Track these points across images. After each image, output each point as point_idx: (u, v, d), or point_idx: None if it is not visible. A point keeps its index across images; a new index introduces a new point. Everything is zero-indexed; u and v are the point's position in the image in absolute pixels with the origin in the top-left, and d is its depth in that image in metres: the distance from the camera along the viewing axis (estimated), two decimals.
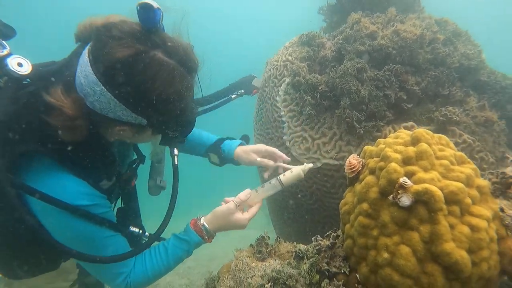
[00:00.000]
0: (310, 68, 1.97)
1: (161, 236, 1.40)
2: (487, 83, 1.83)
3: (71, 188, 1.10)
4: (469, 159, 0.93)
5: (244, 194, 1.47)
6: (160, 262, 1.37)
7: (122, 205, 1.52)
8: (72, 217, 1.10)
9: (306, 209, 2.05)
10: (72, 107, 1.01)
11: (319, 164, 1.88)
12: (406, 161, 0.86)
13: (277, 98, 2.03)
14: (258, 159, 1.77)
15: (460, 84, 1.81)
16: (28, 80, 1.09)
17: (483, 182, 0.87)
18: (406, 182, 0.80)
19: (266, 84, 2.18)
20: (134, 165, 1.50)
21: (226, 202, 1.47)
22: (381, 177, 0.86)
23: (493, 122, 1.73)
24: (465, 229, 0.78)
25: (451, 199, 0.79)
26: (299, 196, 2.02)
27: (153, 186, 1.76)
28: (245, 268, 1.34)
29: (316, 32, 2.07)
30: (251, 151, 1.80)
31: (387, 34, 1.77)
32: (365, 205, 0.89)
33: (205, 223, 1.42)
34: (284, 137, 1.98)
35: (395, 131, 1.70)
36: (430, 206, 0.78)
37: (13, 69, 1.06)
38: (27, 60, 1.10)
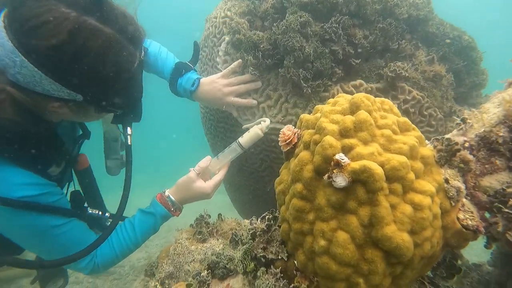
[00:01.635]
0: (251, 24, 1.78)
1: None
2: (436, 34, 1.73)
3: (12, 180, 0.99)
4: (413, 126, 0.83)
5: (203, 161, 1.45)
6: (127, 239, 1.32)
7: (77, 188, 1.46)
8: (16, 212, 1.00)
9: (256, 177, 1.95)
10: None
11: (266, 130, 1.75)
12: (343, 133, 0.74)
13: (217, 60, 1.83)
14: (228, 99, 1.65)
15: (409, 36, 1.70)
16: None
17: (428, 152, 0.78)
18: (342, 159, 0.68)
19: (206, 44, 1.96)
20: (79, 141, 1.39)
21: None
22: (316, 153, 0.74)
23: (441, 77, 1.66)
24: (408, 209, 0.69)
25: (393, 175, 0.69)
26: (248, 164, 1.90)
27: (113, 166, 1.62)
28: (184, 251, 1.23)
29: None
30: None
31: None
32: (299, 186, 0.77)
33: (170, 195, 1.39)
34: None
35: (343, 90, 1.59)
36: (369, 186, 0.67)
37: None
38: None
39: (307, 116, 0.91)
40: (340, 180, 0.68)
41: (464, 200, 0.79)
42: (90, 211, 1.38)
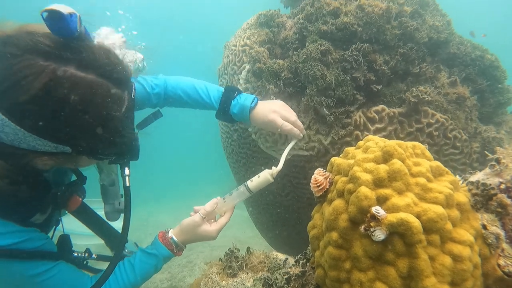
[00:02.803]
0: (271, 52, 1.80)
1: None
2: (457, 55, 1.72)
3: None
4: (446, 169, 0.82)
5: (210, 204, 1.40)
6: (126, 281, 1.28)
7: (62, 231, 1.38)
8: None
9: (279, 203, 1.96)
10: None
11: (288, 156, 1.76)
12: (377, 183, 0.75)
13: (239, 87, 1.86)
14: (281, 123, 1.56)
15: (430, 59, 1.70)
16: None
17: (463, 199, 0.77)
18: (378, 213, 0.69)
19: (226, 72, 2.00)
20: (73, 186, 1.33)
21: (195, 212, 1.41)
22: (351, 203, 0.75)
23: (465, 98, 1.65)
24: (447, 260, 0.69)
25: (430, 227, 0.69)
26: (272, 188, 1.91)
27: (110, 211, 1.60)
28: (214, 286, 1.24)
29: (275, 11, 1.88)
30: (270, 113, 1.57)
31: (351, 9, 1.62)
32: (334, 235, 0.78)
33: (173, 236, 1.37)
34: (249, 129, 1.84)
35: (365, 116, 1.59)
36: (407, 238, 0.68)
37: None
38: None
39: (338, 160, 0.92)
40: (379, 234, 0.68)
41: (504, 244, 0.78)
42: (75, 254, 1.35)
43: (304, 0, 1.81)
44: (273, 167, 1.47)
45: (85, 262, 1.38)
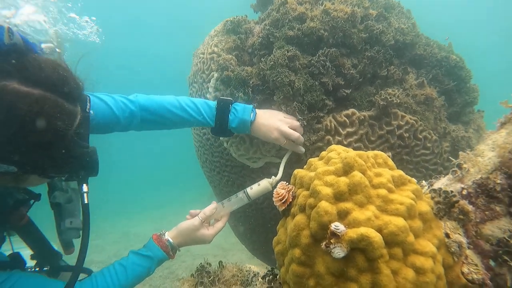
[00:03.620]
0: (239, 59, 1.77)
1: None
2: (424, 56, 1.74)
3: None
4: (409, 178, 0.81)
5: (209, 209, 1.41)
6: (116, 283, 1.22)
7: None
8: None
9: (254, 209, 1.93)
10: None
11: (261, 164, 1.74)
12: (338, 197, 0.73)
13: (208, 96, 1.82)
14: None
15: (397, 61, 1.71)
16: None
17: (426, 208, 0.76)
18: (338, 229, 0.66)
19: (195, 80, 1.96)
20: (27, 204, 1.27)
21: (192, 215, 1.43)
22: (312, 219, 0.73)
23: (433, 99, 1.66)
24: (410, 273, 0.67)
25: (392, 240, 0.68)
26: None
27: (66, 229, 1.50)
28: None
29: (242, 17, 1.85)
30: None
31: (317, 14, 1.61)
32: (297, 251, 0.76)
33: (169, 238, 1.35)
34: (221, 138, 1.80)
35: (336, 121, 1.58)
36: (369, 254, 0.66)
37: None
38: None
39: (301, 172, 0.90)
40: (338, 251, 0.66)
41: (467, 251, 0.77)
42: (29, 270, 1.29)
43: (271, 5, 1.79)
44: (272, 176, 1.48)
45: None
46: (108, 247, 6.72)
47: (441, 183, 0.88)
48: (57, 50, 1.08)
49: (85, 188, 1.14)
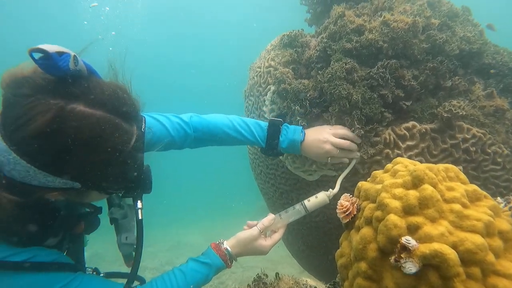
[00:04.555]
0: (296, 72, 1.80)
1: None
2: (493, 66, 1.64)
3: (3, 251, 0.96)
4: (484, 193, 0.77)
5: (267, 219, 1.43)
6: None
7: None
8: (18, 275, 0.96)
9: (309, 224, 1.91)
10: None
11: (316, 177, 1.73)
12: (407, 211, 0.71)
13: (264, 109, 1.86)
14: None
15: (463, 71, 1.62)
16: None
17: (506, 226, 0.71)
18: (409, 243, 0.64)
19: (252, 93, 2.01)
20: (90, 216, 1.33)
21: (249, 226, 1.45)
22: (379, 232, 0.71)
23: (504, 111, 1.55)
24: None
25: (469, 258, 0.64)
26: None
27: (123, 244, 1.59)
28: None
29: (298, 31, 1.88)
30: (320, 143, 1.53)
31: (375, 26, 1.59)
32: (363, 265, 0.74)
33: (228, 247, 1.37)
34: None
35: (395, 134, 1.54)
36: (443, 271, 0.63)
37: None
38: None
39: (365, 184, 0.88)
40: (410, 266, 0.64)
41: None
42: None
43: (327, 19, 1.80)
44: (330, 189, 1.49)
45: None
46: (160, 254, 6.98)
47: None
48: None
49: (139, 204, 1.20)
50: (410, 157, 1.53)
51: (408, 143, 1.53)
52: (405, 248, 0.65)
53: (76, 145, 0.86)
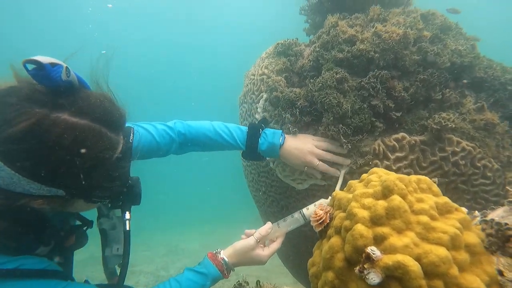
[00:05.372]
0: (288, 80, 1.81)
1: None
2: (485, 79, 1.63)
3: None
4: (456, 206, 0.76)
5: (264, 229, 1.42)
6: None
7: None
8: (10, 282, 0.95)
9: (298, 232, 1.90)
10: None
11: (306, 186, 1.73)
12: (375, 221, 0.70)
13: (257, 116, 1.87)
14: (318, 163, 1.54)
15: (454, 84, 1.62)
16: None
17: (474, 239, 0.70)
18: (374, 253, 0.64)
19: (245, 100, 2.02)
20: (80, 230, 1.33)
21: (247, 235, 1.44)
22: (346, 242, 0.71)
23: (494, 125, 1.54)
24: None
25: (432, 271, 0.63)
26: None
27: (110, 256, 1.58)
28: None
29: (293, 40, 1.89)
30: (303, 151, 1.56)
31: (367, 37, 1.59)
32: (330, 275, 0.74)
33: (225, 257, 1.36)
34: (267, 158, 1.82)
35: (385, 145, 1.53)
36: (405, 283, 0.62)
37: None
38: None
39: (340, 194, 0.88)
40: (373, 277, 0.63)
41: None
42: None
43: (322, 28, 1.81)
44: (329, 197, 1.47)
45: None
46: (157, 259, 6.96)
47: (496, 214, 0.80)
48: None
49: (127, 215, 1.21)
50: (399, 169, 1.53)
51: (398, 155, 1.52)
52: (369, 259, 0.65)
53: (58, 152, 0.87)
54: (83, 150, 0.89)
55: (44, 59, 0.85)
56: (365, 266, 0.64)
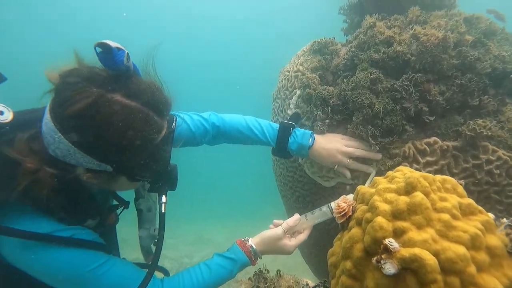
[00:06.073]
0: (322, 78, 1.82)
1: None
2: None
3: (49, 226, 1.07)
4: (480, 208, 0.76)
5: (292, 220, 1.44)
6: (201, 282, 1.32)
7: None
8: (57, 247, 1.06)
9: (322, 230, 1.92)
10: (33, 160, 0.99)
11: (333, 183, 1.74)
12: (396, 215, 0.73)
13: (289, 112, 1.90)
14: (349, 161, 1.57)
15: (494, 91, 1.57)
16: (7, 127, 1.08)
17: (496, 242, 0.71)
18: (391, 245, 0.66)
19: (279, 96, 2.06)
20: (118, 210, 1.45)
21: (275, 225, 1.47)
22: (366, 233, 0.73)
23: None
24: None
25: (449, 267, 0.65)
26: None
27: (145, 236, 1.68)
28: None
29: (329, 39, 1.91)
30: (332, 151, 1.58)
31: (405, 39, 1.58)
32: (348, 264, 0.77)
33: (253, 245, 1.40)
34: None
35: (415, 148, 1.52)
36: (421, 276, 0.64)
37: None
38: (8, 108, 1.09)
39: (364, 188, 0.90)
40: (389, 267, 0.66)
41: None
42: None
43: (359, 29, 1.81)
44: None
45: None
46: (181, 247, 7.16)
47: None
48: None
49: (163, 199, 1.29)
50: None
51: (428, 159, 1.51)
52: (387, 250, 0.67)
53: (110, 129, 0.97)
54: (131, 129, 0.98)
55: (112, 43, 0.96)
56: (383, 256, 0.67)
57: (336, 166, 1.60)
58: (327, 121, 1.67)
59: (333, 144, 1.59)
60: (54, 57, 1.07)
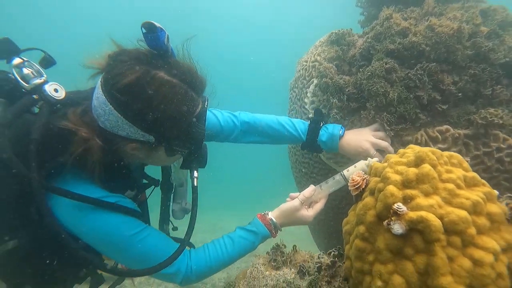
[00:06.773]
0: (339, 68, 1.90)
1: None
2: None
3: (97, 191, 1.19)
4: (483, 181, 0.84)
5: (308, 191, 1.51)
6: (225, 252, 1.41)
7: None
8: (104, 211, 1.18)
9: (336, 215, 2.00)
10: (86, 129, 1.10)
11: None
12: (406, 184, 0.81)
13: (306, 100, 1.98)
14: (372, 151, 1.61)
15: (507, 81, 1.62)
16: (59, 105, 1.21)
17: (495, 209, 0.78)
18: (400, 209, 0.75)
19: (296, 85, 2.14)
20: (149, 188, 1.57)
21: (292, 198, 1.53)
22: (379, 200, 0.82)
23: None
24: (466, 263, 0.71)
25: (452, 229, 0.73)
26: (329, 200, 1.97)
27: (178, 210, 1.79)
28: (259, 276, 1.36)
29: (346, 30, 1.97)
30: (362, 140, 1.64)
31: (420, 30, 1.64)
32: (362, 228, 0.85)
33: (273, 218, 1.47)
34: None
35: (427, 135, 1.59)
36: (426, 236, 0.72)
37: (50, 94, 1.19)
38: (62, 87, 1.23)
39: (377, 164, 0.99)
40: (397, 228, 0.74)
41: None
42: None
43: (376, 20, 1.88)
44: (369, 159, 1.44)
45: None
46: (195, 234, 7.31)
47: None
48: None
49: (195, 173, 1.40)
50: None
51: (440, 146, 1.57)
52: (396, 213, 0.75)
53: (154, 102, 1.09)
54: (173, 103, 1.10)
55: (156, 23, 1.08)
56: (392, 218, 0.75)
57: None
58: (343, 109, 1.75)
59: (361, 135, 1.65)
60: (55, 54, 1.22)
